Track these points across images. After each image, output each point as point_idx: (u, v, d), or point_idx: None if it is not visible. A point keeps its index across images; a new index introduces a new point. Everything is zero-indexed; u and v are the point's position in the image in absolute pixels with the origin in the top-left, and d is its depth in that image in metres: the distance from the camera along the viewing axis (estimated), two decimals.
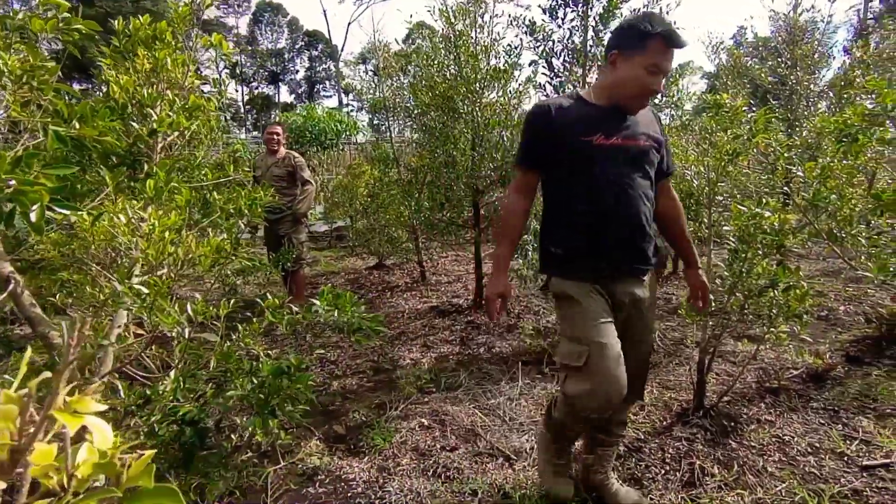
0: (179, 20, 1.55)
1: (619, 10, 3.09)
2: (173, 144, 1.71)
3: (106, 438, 0.44)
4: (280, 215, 5.02)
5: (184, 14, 1.54)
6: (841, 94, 5.33)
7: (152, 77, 1.64)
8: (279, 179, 5.03)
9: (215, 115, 1.87)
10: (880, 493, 2.15)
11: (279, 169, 5.05)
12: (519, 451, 2.63)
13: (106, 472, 0.43)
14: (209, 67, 4.31)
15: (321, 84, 56.47)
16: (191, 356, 1.47)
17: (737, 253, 2.41)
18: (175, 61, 1.61)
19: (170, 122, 1.46)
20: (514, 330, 4.51)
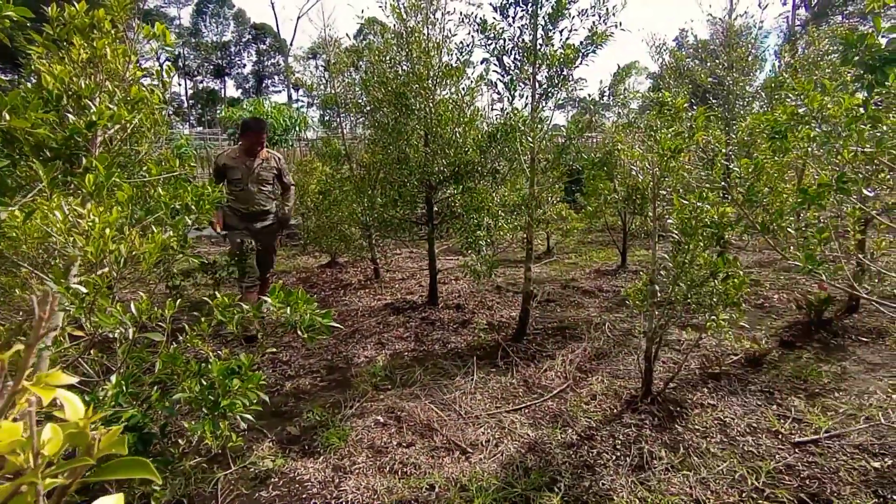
0: (120, 9, 1.47)
1: (567, 10, 3.17)
2: (113, 139, 1.62)
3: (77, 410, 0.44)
4: (268, 223, 4.56)
5: (124, 2, 1.46)
6: (772, 95, 5.66)
7: (89, 68, 1.56)
8: (266, 182, 4.48)
9: (159, 109, 1.79)
10: (810, 467, 2.30)
11: (267, 171, 4.46)
12: (475, 444, 2.66)
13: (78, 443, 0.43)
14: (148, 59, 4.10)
15: (269, 79, 54.92)
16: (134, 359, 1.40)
17: (680, 245, 2.51)
18: (115, 51, 1.53)
19: (110, 115, 1.39)
20: (468, 325, 4.55)
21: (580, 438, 2.65)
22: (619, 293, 5.35)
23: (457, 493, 2.28)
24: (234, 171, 4.31)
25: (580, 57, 3.27)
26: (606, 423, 2.78)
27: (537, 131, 3.50)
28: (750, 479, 2.23)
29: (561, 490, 2.23)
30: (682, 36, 17.22)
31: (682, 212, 2.42)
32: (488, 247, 4.46)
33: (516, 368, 3.56)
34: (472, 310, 5.00)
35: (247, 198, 4.39)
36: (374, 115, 5.08)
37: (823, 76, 5.22)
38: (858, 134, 1.93)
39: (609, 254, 7.48)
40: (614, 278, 6.05)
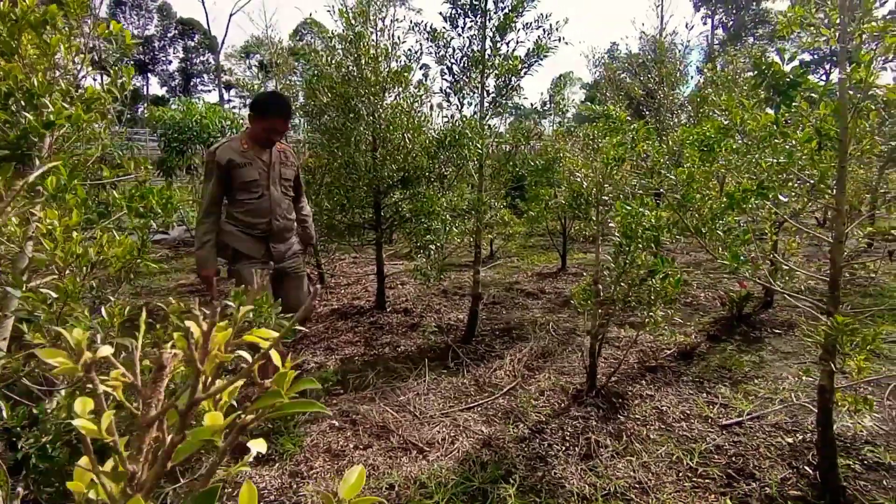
0: (76, 5, 1.43)
1: (514, 23, 3.32)
2: (66, 138, 1.57)
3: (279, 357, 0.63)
4: (294, 247, 3.14)
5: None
6: (697, 108, 6.11)
7: (38, 65, 1.51)
8: (289, 186, 3.09)
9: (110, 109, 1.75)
10: (736, 446, 2.54)
11: (288, 169, 3.05)
12: (431, 443, 2.73)
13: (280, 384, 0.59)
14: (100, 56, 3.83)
15: (198, 77, 52.51)
16: None
17: (621, 247, 2.70)
18: (69, 49, 1.49)
19: (68, 115, 1.36)
20: (417, 328, 4.61)
21: (531, 432, 2.77)
22: (560, 295, 5.58)
23: (416, 490, 2.34)
24: (246, 171, 2.84)
25: (526, 68, 3.44)
26: (555, 416, 2.93)
27: (485, 138, 3.63)
28: (685, 460, 2.43)
29: (516, 481, 2.34)
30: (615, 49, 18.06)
31: (623, 216, 2.60)
32: (437, 251, 4.54)
33: (467, 368, 3.66)
34: (421, 313, 5.07)
35: (267, 209, 2.89)
36: (319, 119, 5.05)
37: (741, 93, 5.71)
38: (773, 147, 2.17)
39: (550, 257, 7.77)
40: (555, 280, 6.30)
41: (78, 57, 1.53)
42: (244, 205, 2.85)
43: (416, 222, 4.50)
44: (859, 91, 2.04)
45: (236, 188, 2.82)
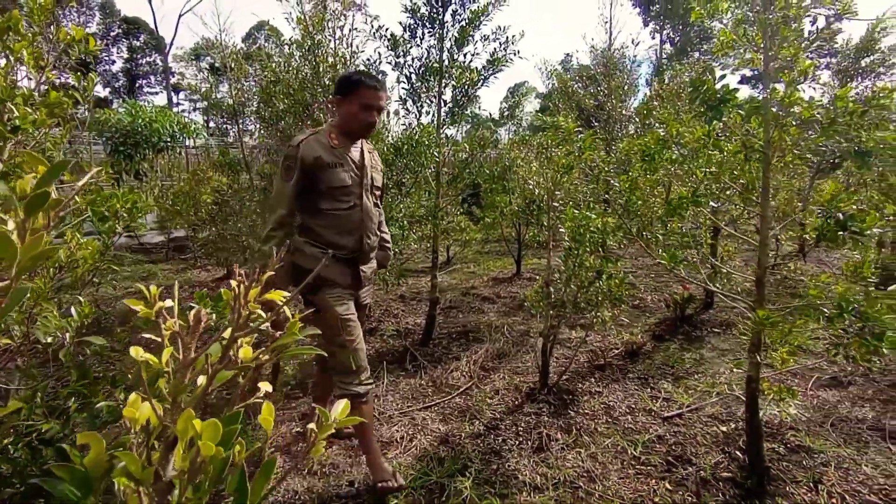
0: (40, 12, 1.44)
1: (471, 35, 3.45)
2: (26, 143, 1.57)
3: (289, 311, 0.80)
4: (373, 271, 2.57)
5: (46, 5, 1.44)
6: (644, 120, 6.44)
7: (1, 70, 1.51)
8: (380, 197, 2.54)
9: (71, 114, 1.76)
10: (676, 435, 2.73)
11: (378, 174, 2.50)
12: (390, 441, 2.79)
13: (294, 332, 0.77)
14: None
15: (144, 79, 50.50)
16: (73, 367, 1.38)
17: (570, 250, 2.86)
18: (31, 54, 1.50)
19: (32, 120, 1.37)
20: (375, 333, 4.66)
21: (487, 429, 2.88)
22: (515, 299, 5.74)
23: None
24: (337, 173, 2.22)
25: (483, 79, 3.58)
26: (509, 413, 3.05)
27: (442, 146, 3.74)
28: (629, 450, 2.59)
29: (472, 474, 2.43)
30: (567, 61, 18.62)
31: (572, 221, 2.76)
32: (395, 256, 4.61)
33: (425, 370, 3.74)
34: (379, 318, 5.11)
35: (358, 223, 2.30)
36: (276, 125, 5.04)
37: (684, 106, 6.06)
38: (706, 158, 2.37)
39: (505, 262, 7.95)
40: (510, 285, 6.47)
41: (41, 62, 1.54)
42: (330, 216, 2.22)
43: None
44: (781, 108, 2.26)
45: (321, 195, 2.20)
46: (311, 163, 2.17)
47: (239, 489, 0.66)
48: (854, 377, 3.41)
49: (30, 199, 0.63)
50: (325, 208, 2.23)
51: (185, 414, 0.64)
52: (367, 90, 2.22)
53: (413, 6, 3.48)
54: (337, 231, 2.27)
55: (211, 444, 0.62)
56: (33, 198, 0.62)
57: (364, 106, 2.22)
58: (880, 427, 2.77)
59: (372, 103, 2.23)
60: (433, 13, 3.50)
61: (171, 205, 7.99)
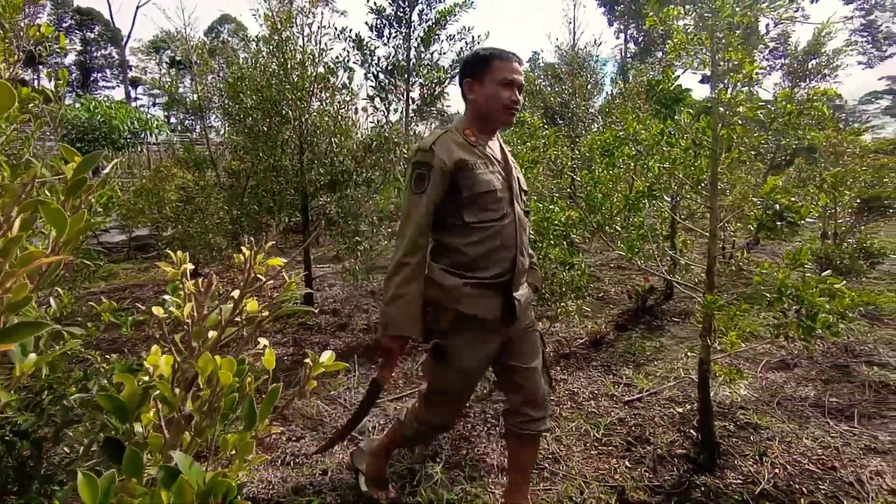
0: (11, 9, 1.45)
1: (438, 35, 3.53)
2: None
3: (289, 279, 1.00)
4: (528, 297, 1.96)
5: (17, 3, 1.44)
6: (606, 118, 6.65)
7: None
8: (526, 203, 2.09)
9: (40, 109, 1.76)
10: (636, 418, 2.88)
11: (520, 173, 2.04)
12: (362, 431, 2.86)
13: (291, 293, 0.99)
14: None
15: (99, 72, 48.53)
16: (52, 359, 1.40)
17: (535, 243, 2.97)
18: (2, 51, 1.51)
19: (6, 116, 1.38)
20: (346, 328, 4.70)
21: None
22: None
23: (350, 474, 2.46)
24: (483, 176, 1.77)
25: (449, 77, 3.66)
26: (478, 401, 3.15)
27: (411, 143, 3.81)
28: (592, 432, 2.73)
29: (443, 459, 2.52)
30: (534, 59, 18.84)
31: (536, 214, 2.87)
32: (365, 252, 4.67)
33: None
34: (349, 314, 5.15)
35: (511, 238, 1.81)
36: (244, 122, 5.02)
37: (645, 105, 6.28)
38: (660, 154, 2.52)
39: None
40: None
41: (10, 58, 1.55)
42: (476, 232, 1.74)
43: (344, 224, 4.60)
44: (728, 108, 2.42)
45: (464, 205, 1.74)
46: (452, 167, 1.71)
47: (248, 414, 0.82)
48: (800, 360, 3.64)
49: (71, 184, 0.74)
50: (469, 222, 1.73)
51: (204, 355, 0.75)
52: (504, 63, 1.80)
53: (379, 7, 3.54)
54: (486, 250, 1.74)
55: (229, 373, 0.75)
56: (74, 183, 0.74)
57: (503, 83, 1.79)
58: (820, 404, 2.99)
59: (513, 77, 1.80)
60: (400, 13, 3.57)
61: (133, 203, 7.81)
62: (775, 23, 2.25)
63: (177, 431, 0.77)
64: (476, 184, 1.73)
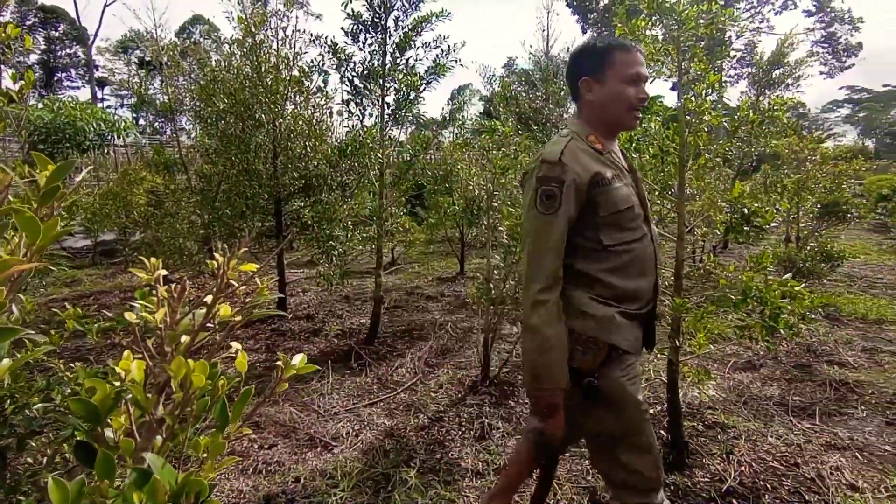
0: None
1: (413, 41, 3.55)
2: None
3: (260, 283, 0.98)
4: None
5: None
6: None
7: None
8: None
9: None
10: None
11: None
12: (336, 437, 2.84)
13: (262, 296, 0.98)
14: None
15: (64, 72, 47.03)
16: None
17: (509, 248, 3.01)
18: None
19: None
20: (320, 333, 4.67)
21: (431, 421, 2.98)
22: (459, 297, 5.89)
23: (323, 481, 2.45)
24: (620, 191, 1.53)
25: (424, 84, 3.68)
26: (453, 406, 3.16)
27: (386, 148, 3.82)
28: None
29: (417, 464, 2.53)
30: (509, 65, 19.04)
31: (510, 220, 2.91)
32: (339, 256, 4.64)
33: (370, 368, 3.80)
34: (323, 319, 5.12)
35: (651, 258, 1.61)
36: (216, 125, 4.95)
37: None
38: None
39: (449, 263, 8.10)
40: (454, 284, 6.61)
41: None
42: (616, 255, 1.51)
43: (318, 229, 4.57)
44: (694, 116, 2.49)
45: (601, 226, 1.50)
46: (588, 182, 1.46)
47: (221, 415, 0.82)
48: (765, 360, 3.76)
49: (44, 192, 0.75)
50: (609, 245, 1.50)
51: (177, 358, 0.75)
52: (627, 55, 1.55)
53: (356, 12, 3.54)
54: (632, 275, 1.53)
55: (202, 376, 0.75)
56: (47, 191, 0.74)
57: (629, 79, 1.54)
58: (784, 403, 3.09)
59: (639, 71, 1.55)
60: (376, 18, 3.57)
61: (99, 207, 7.61)
62: (737, 35, 2.32)
63: (149, 435, 0.77)
64: (614, 200, 1.49)
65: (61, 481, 0.62)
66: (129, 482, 0.61)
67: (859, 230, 10.67)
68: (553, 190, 1.45)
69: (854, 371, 3.55)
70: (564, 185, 1.44)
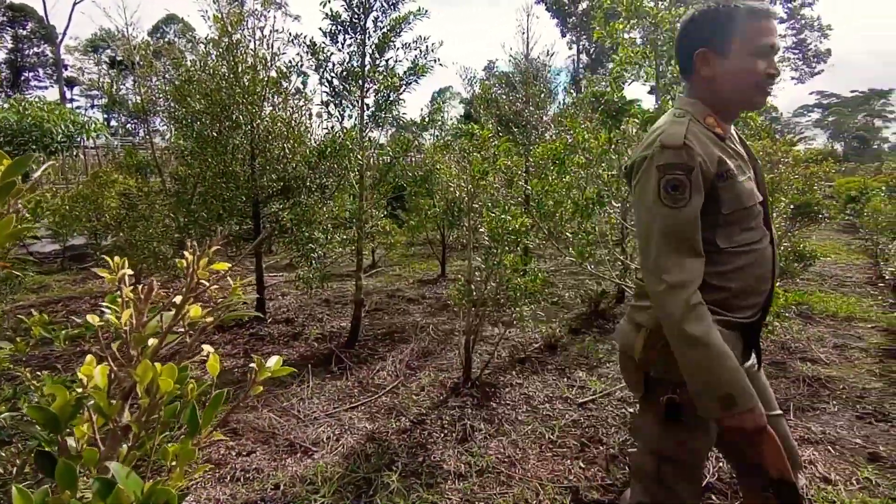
0: None
1: (392, 42, 3.54)
2: None
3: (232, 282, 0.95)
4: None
5: None
6: (558, 127, 6.81)
7: None
8: None
9: None
10: (589, 419, 2.95)
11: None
12: (317, 442, 2.80)
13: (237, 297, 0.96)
14: None
15: (32, 71, 45.63)
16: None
17: (490, 250, 3.01)
18: None
19: None
20: (299, 337, 4.61)
21: (413, 424, 2.96)
22: (440, 299, 5.87)
23: (303, 487, 2.40)
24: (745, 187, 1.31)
25: (404, 85, 3.67)
26: (434, 408, 3.15)
27: (365, 149, 3.79)
28: (547, 435, 2.78)
29: (399, 468, 2.50)
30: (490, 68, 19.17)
31: (490, 222, 2.91)
32: (319, 259, 4.59)
33: (350, 372, 3.76)
34: (303, 322, 5.05)
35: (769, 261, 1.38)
36: (192, 126, 4.86)
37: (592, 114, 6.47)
38: (608, 162, 2.60)
39: (430, 265, 8.07)
40: (435, 286, 6.59)
41: None
42: (734, 258, 1.31)
43: (297, 231, 4.52)
44: None
45: (722, 224, 1.30)
46: (713, 172, 1.26)
47: (191, 420, 0.80)
48: None
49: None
50: (726, 247, 1.30)
51: (143, 363, 0.72)
52: (759, 22, 1.29)
53: (334, 12, 3.51)
54: (747, 281, 1.31)
55: (169, 380, 0.72)
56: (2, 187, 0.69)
57: (760, 50, 1.28)
58: None
59: (773, 42, 1.29)
60: (354, 19, 3.55)
61: (68, 210, 7.39)
62: None
63: (113, 443, 0.74)
64: (738, 196, 1.27)
65: (25, 491, 0.60)
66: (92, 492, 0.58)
67: (829, 230, 10.95)
68: (681, 179, 1.22)
69: (826, 367, 3.63)
70: (693, 173, 1.22)
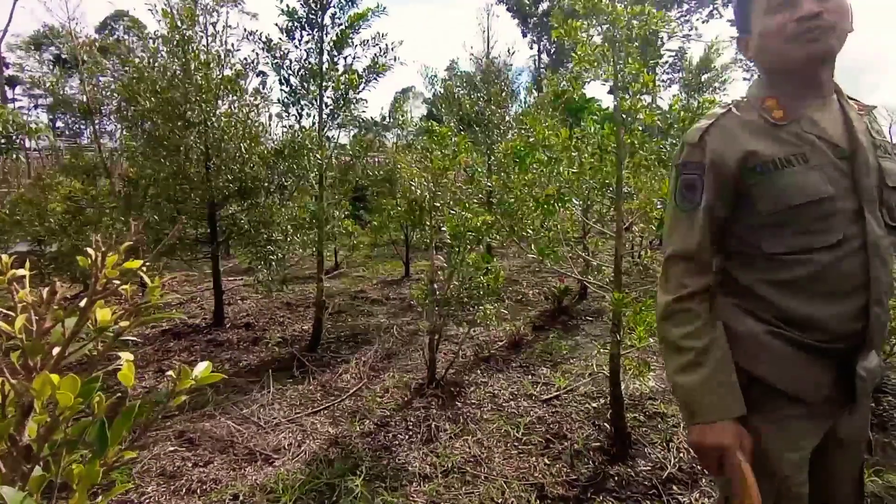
0: None
1: (351, 39, 3.47)
2: None
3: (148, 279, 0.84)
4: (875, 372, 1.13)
5: None
6: (520, 126, 6.86)
7: None
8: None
9: None
10: (554, 415, 2.96)
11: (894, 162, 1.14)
12: (278, 449, 2.72)
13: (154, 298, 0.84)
14: None
15: None
16: None
17: (452, 248, 2.99)
18: None
19: None
20: (260, 342, 4.49)
21: (377, 427, 2.91)
22: (404, 300, 5.82)
23: (263, 496, 2.33)
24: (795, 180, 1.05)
25: (364, 83, 3.61)
26: (399, 410, 3.10)
27: (325, 149, 3.71)
28: (513, 433, 2.77)
29: (363, 472, 2.45)
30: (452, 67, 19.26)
31: (451, 220, 2.88)
32: (279, 262, 4.48)
33: (313, 376, 3.68)
34: (263, 327, 4.92)
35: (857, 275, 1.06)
36: (142, 126, 4.66)
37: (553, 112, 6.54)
38: (568, 160, 2.61)
39: (394, 265, 8.01)
40: (400, 287, 6.54)
41: None
42: (786, 267, 1.09)
43: (255, 234, 4.39)
44: (629, 115, 2.56)
45: (764, 225, 1.10)
46: (734, 168, 1.10)
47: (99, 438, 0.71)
48: None
49: None
50: (774, 252, 1.09)
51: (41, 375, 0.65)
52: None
53: (290, 8, 3.42)
54: (810, 295, 1.07)
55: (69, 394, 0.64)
56: None
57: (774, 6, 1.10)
58: None
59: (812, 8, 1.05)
60: (311, 15, 3.47)
61: (8, 214, 6.99)
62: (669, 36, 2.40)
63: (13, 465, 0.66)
64: (783, 191, 1.06)
65: None
66: None
67: None
68: (693, 179, 1.14)
69: None
70: (706, 171, 1.12)
